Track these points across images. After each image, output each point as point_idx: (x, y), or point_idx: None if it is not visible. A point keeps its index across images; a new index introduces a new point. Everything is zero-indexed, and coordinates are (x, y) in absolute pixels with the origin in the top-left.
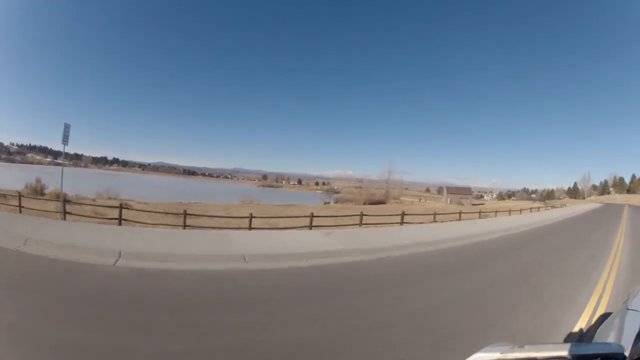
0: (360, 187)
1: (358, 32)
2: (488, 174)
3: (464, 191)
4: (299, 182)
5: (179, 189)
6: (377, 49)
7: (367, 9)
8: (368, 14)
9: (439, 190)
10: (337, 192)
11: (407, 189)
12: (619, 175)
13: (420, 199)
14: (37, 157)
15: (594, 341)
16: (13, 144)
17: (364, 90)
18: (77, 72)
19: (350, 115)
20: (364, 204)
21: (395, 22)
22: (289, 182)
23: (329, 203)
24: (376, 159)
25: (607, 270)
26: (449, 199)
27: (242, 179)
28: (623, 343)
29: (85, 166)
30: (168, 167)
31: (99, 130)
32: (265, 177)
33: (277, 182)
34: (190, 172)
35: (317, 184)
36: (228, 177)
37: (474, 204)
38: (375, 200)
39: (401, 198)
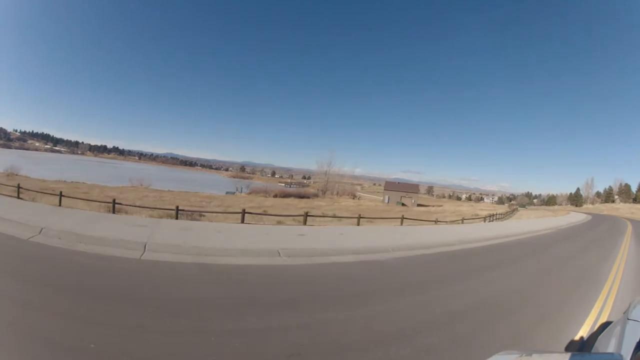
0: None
1: (369, 34)
2: (497, 178)
3: (409, 188)
4: (273, 174)
5: (126, 175)
6: (389, 51)
7: (372, 11)
8: (377, 17)
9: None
10: (305, 186)
11: (361, 184)
12: (625, 181)
13: (354, 197)
14: (37, 144)
15: (594, 349)
16: (16, 131)
17: (378, 93)
18: (90, 64)
19: (363, 116)
20: (275, 196)
21: (406, 24)
22: (264, 174)
23: (233, 193)
24: (390, 159)
25: None
26: (387, 198)
27: (257, 173)
28: (623, 352)
29: (82, 153)
30: (171, 157)
31: (112, 121)
32: (243, 168)
33: (252, 173)
34: (188, 163)
35: (291, 177)
36: (228, 170)
37: (420, 205)
38: (294, 194)
39: (358, 193)
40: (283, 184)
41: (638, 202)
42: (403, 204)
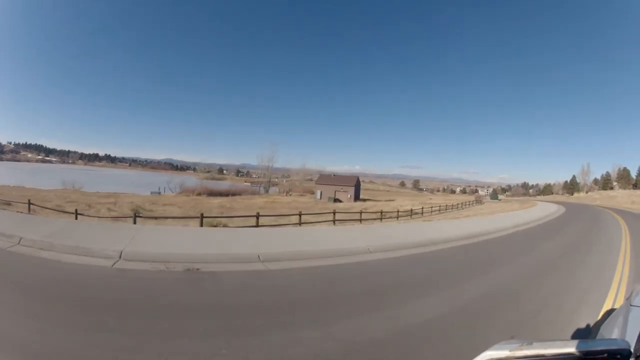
0: (311, 180)
1: (364, 30)
2: (496, 170)
3: (344, 181)
4: (247, 174)
5: (93, 181)
6: (384, 47)
7: (368, 6)
8: (372, 13)
9: (402, 183)
10: (275, 185)
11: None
12: (623, 166)
13: (287, 193)
14: (29, 155)
15: (598, 336)
16: (10, 143)
17: (373, 90)
18: (84, 70)
19: (362, 112)
20: (198, 195)
21: (401, 19)
22: (237, 175)
23: (159, 193)
24: (388, 155)
25: None
26: (319, 193)
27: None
28: (627, 339)
29: (73, 162)
30: (165, 163)
31: (108, 129)
32: (221, 170)
33: (224, 174)
34: (181, 168)
35: (264, 175)
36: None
37: (366, 199)
38: (225, 192)
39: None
40: (249, 184)
41: (639, 187)
42: (337, 200)
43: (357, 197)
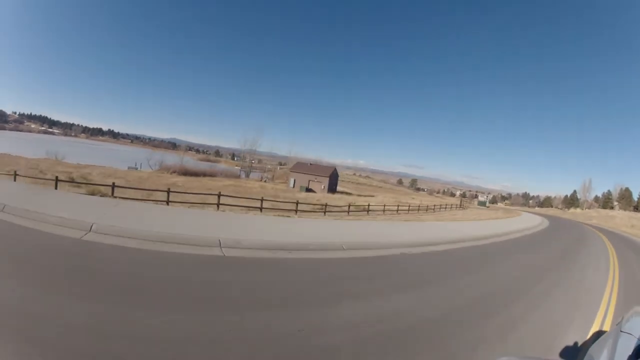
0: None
1: (378, 28)
2: (500, 177)
3: (320, 171)
4: (243, 158)
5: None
6: (389, 45)
7: (382, 6)
8: (386, 12)
9: (399, 181)
10: (267, 171)
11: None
12: (625, 186)
13: (264, 179)
14: (32, 126)
15: (587, 357)
16: (15, 113)
17: (385, 85)
18: (92, 44)
19: (370, 109)
20: (173, 172)
21: (414, 19)
22: (233, 159)
23: (136, 168)
24: (395, 153)
25: None
26: (293, 181)
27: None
28: None
29: (76, 135)
30: (169, 142)
31: (118, 106)
32: (218, 152)
33: (219, 156)
34: (182, 148)
35: (258, 161)
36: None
37: (344, 193)
38: (200, 173)
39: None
40: (239, 168)
41: None
42: (309, 189)
43: (331, 189)
